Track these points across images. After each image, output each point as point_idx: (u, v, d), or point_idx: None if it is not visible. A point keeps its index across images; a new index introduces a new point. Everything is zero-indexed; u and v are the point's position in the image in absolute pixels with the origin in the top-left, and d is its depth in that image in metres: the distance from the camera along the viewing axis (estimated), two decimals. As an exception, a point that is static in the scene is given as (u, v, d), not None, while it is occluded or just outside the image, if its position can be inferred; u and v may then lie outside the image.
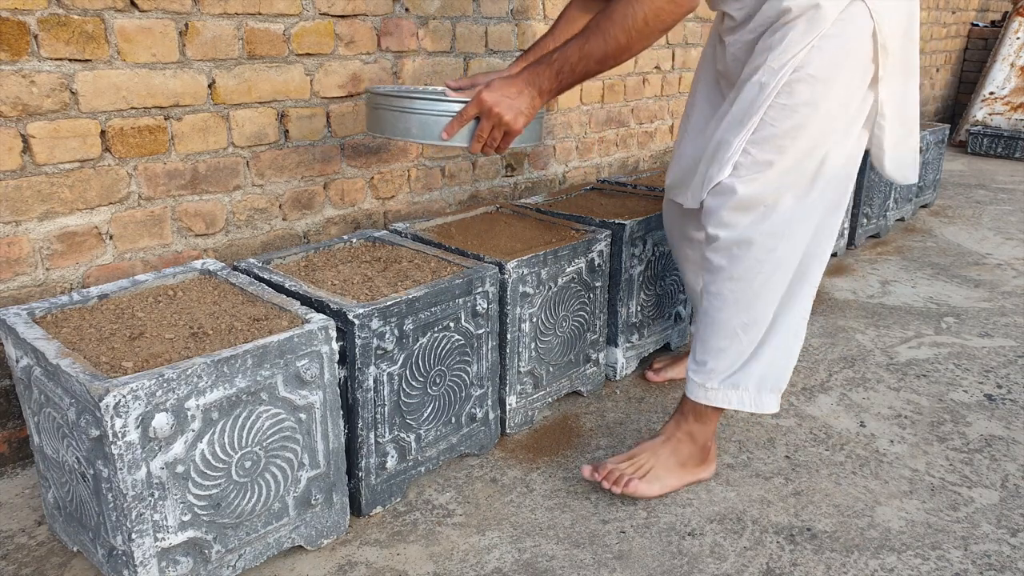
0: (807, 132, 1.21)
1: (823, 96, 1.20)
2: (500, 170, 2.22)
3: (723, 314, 1.30)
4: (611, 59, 1.22)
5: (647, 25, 1.18)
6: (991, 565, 1.21)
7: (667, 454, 1.38)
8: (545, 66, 1.23)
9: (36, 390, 1.08)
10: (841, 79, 1.20)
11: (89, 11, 1.33)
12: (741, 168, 1.24)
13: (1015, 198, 3.64)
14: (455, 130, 1.25)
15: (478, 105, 1.23)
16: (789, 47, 1.19)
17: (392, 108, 1.28)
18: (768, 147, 1.22)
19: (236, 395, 1.03)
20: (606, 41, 1.20)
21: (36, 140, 1.32)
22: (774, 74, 1.20)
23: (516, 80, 1.24)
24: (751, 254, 1.26)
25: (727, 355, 1.32)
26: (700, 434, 1.38)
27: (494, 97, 1.23)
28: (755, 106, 1.22)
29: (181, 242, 1.55)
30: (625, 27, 1.18)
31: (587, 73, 1.24)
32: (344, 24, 1.70)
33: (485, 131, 1.25)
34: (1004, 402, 1.73)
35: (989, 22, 5.45)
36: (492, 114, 1.23)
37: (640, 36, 1.19)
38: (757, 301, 1.28)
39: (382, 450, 1.28)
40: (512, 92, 1.23)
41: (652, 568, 1.19)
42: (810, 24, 1.18)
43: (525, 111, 1.24)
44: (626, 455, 1.39)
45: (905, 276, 2.54)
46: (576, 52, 1.22)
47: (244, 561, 1.11)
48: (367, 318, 1.19)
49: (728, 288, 1.28)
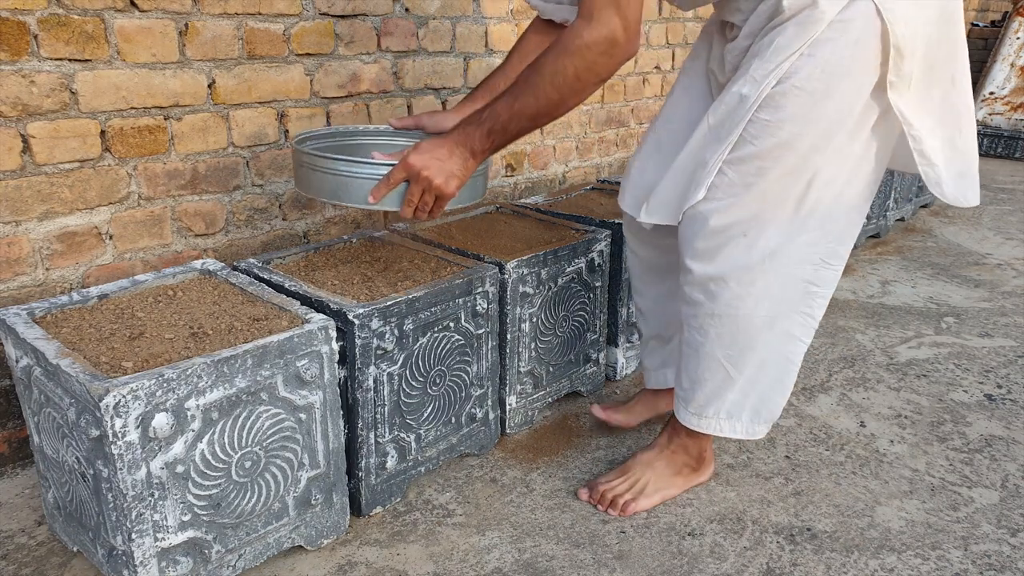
0: (793, 152, 1.08)
1: (813, 111, 1.06)
2: (500, 170, 2.22)
3: (706, 347, 1.22)
4: (545, 116, 1.11)
5: (579, 80, 1.07)
6: (991, 565, 1.21)
7: (662, 466, 1.35)
8: (475, 126, 1.12)
9: (36, 390, 1.08)
10: (837, 91, 1.05)
11: (89, 11, 1.33)
12: (716, 190, 1.13)
13: (1015, 198, 3.64)
14: (382, 194, 1.15)
15: (405, 169, 1.12)
16: (775, 54, 1.06)
17: (316, 168, 1.19)
18: (747, 168, 1.10)
19: (236, 395, 1.03)
20: (537, 98, 1.09)
21: (36, 140, 1.32)
22: (756, 85, 1.07)
23: (446, 141, 1.13)
24: (728, 290, 1.16)
25: (712, 384, 1.25)
26: (694, 446, 1.35)
27: (422, 160, 1.12)
28: (734, 120, 1.10)
29: (181, 242, 1.55)
30: (556, 83, 1.07)
31: (521, 131, 1.13)
32: (344, 24, 1.70)
33: (415, 195, 1.14)
34: (1004, 402, 1.73)
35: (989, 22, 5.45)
36: (421, 178, 1.12)
37: (573, 92, 1.08)
38: (741, 335, 1.19)
39: (382, 450, 1.28)
40: (442, 154, 1.12)
41: (652, 568, 1.19)
42: (802, 27, 1.04)
43: (457, 174, 1.14)
44: (619, 471, 1.37)
45: (905, 276, 2.54)
46: (506, 111, 1.10)
47: (244, 561, 1.11)
48: (367, 318, 1.19)
49: (709, 324, 1.20)
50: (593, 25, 1.03)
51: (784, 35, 1.05)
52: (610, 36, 1.03)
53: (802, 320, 1.21)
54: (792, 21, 1.05)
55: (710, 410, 1.27)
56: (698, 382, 1.26)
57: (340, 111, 1.74)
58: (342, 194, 1.18)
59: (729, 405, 1.26)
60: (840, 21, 1.03)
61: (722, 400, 1.26)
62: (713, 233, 1.14)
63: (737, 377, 1.23)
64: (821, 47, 1.04)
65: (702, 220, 1.14)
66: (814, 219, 1.13)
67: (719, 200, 1.13)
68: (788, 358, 1.24)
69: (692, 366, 1.26)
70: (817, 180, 1.10)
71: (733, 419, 1.27)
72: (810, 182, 1.10)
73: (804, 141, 1.07)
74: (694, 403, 1.28)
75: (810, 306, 1.20)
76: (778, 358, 1.23)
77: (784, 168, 1.09)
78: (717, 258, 1.15)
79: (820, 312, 1.22)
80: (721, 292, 1.17)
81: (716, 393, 1.25)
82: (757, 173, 1.10)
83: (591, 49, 1.04)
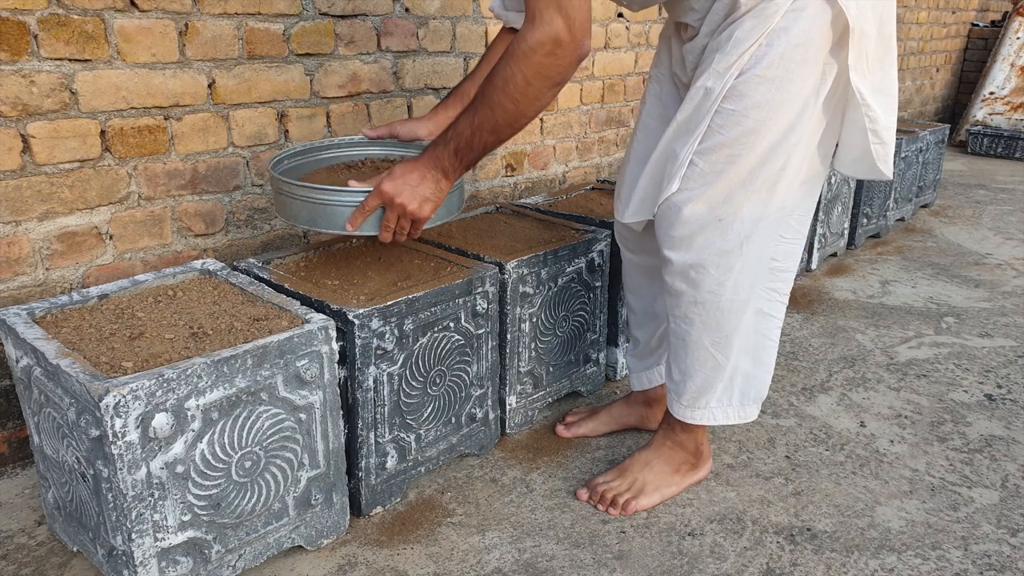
0: (761, 138, 1.11)
1: (776, 97, 1.10)
2: (500, 170, 2.22)
3: (692, 335, 1.24)
4: (507, 127, 1.11)
5: (530, 86, 1.06)
6: (991, 565, 1.21)
7: (660, 464, 1.36)
8: (442, 147, 1.14)
9: (36, 390, 1.08)
10: (797, 76, 1.09)
11: (89, 11, 1.33)
12: (688, 181, 1.16)
13: (1015, 198, 3.64)
14: (359, 222, 1.17)
15: (379, 197, 1.15)
16: (736, 46, 1.09)
17: (294, 196, 1.21)
18: (716, 157, 1.13)
19: (236, 395, 1.03)
20: (493, 111, 1.09)
21: (36, 140, 1.32)
22: (720, 77, 1.11)
23: (418, 165, 1.15)
24: (709, 276, 1.19)
25: (703, 374, 1.27)
26: (690, 441, 1.36)
27: (395, 187, 1.14)
28: (701, 112, 1.13)
29: (181, 242, 1.55)
30: (508, 92, 1.07)
31: (486, 146, 1.13)
32: (344, 24, 1.70)
33: (392, 221, 1.17)
34: (1004, 402, 1.73)
35: (989, 22, 5.45)
36: (395, 205, 1.15)
37: (529, 99, 1.07)
38: (725, 320, 1.22)
39: (382, 450, 1.28)
40: (414, 179, 1.14)
41: (652, 568, 1.19)
42: (759, 20, 1.08)
43: (431, 197, 1.16)
44: (617, 469, 1.37)
45: (905, 276, 2.54)
46: (467, 127, 1.11)
47: (244, 561, 1.11)
48: (367, 318, 1.19)
49: (693, 312, 1.22)
50: (536, 27, 1.03)
51: (742, 28, 1.09)
52: (554, 36, 1.03)
53: (769, 296, 1.24)
54: (749, 15, 1.09)
55: (702, 400, 1.29)
56: (688, 373, 1.28)
57: (340, 111, 1.74)
58: (320, 221, 1.20)
59: (720, 392, 1.28)
60: (793, 10, 1.07)
61: (713, 389, 1.28)
62: (688, 221, 1.16)
63: (725, 363, 1.25)
64: (778, 36, 1.08)
65: (676, 210, 1.17)
66: (782, 201, 1.17)
67: (692, 190, 1.15)
68: (765, 335, 1.27)
69: (681, 357, 1.28)
70: (788, 166, 1.14)
71: (725, 405, 1.29)
72: (782, 168, 1.14)
73: (770, 127, 1.11)
74: (687, 395, 1.29)
75: (775, 282, 1.24)
76: (757, 337, 1.26)
77: (753, 154, 1.12)
78: (694, 245, 1.18)
79: (787, 288, 1.26)
80: (702, 279, 1.19)
81: (707, 382, 1.27)
82: (727, 161, 1.13)
83: (536, 52, 1.04)
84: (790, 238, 1.22)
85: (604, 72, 2.49)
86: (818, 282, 2.46)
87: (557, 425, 1.56)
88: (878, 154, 1.17)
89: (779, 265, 1.23)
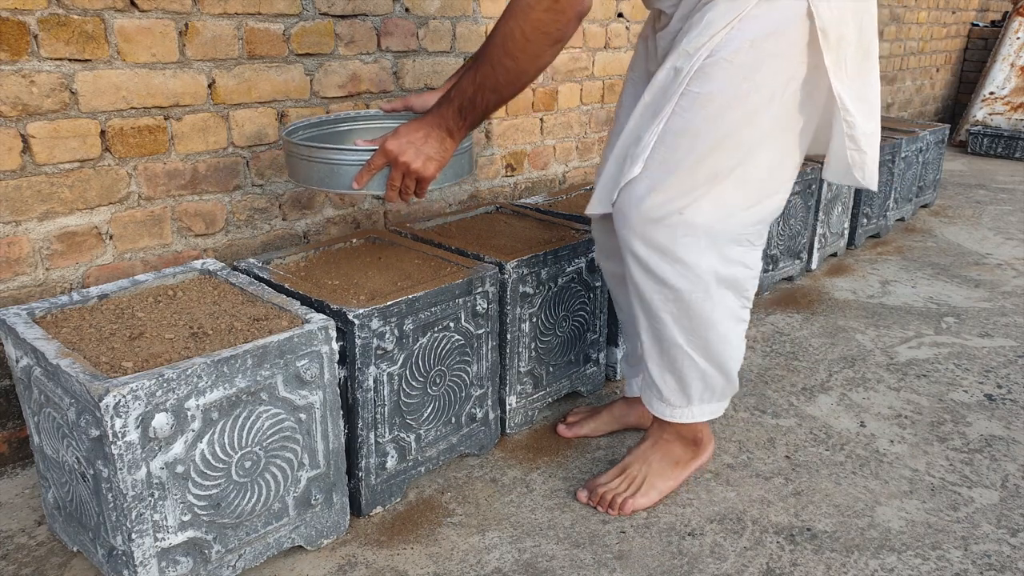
0: (722, 126, 1.08)
1: (742, 85, 1.07)
2: (500, 170, 2.22)
3: (666, 333, 1.22)
4: (508, 86, 1.11)
5: (529, 41, 1.05)
6: (991, 565, 1.21)
7: (658, 458, 1.35)
8: (447, 106, 1.14)
9: (36, 390, 1.08)
10: (765, 67, 1.06)
11: (89, 11, 1.33)
12: (650, 166, 1.12)
13: (1015, 198, 3.64)
14: (365, 180, 1.18)
15: (384, 155, 1.15)
16: (707, 28, 1.07)
17: (302, 157, 1.23)
18: (679, 142, 1.10)
19: (236, 395, 1.03)
20: (494, 68, 1.09)
21: (36, 140, 1.32)
22: (688, 58, 1.08)
23: (423, 123, 1.15)
24: (676, 271, 1.16)
25: (679, 373, 1.25)
26: (687, 431, 1.34)
27: (399, 145, 1.14)
28: (667, 94, 1.10)
29: (181, 242, 1.55)
30: (508, 49, 1.06)
31: (488, 105, 1.13)
32: (344, 24, 1.70)
33: (396, 180, 1.17)
34: (1004, 402, 1.73)
35: (989, 22, 5.45)
36: (399, 163, 1.15)
37: (528, 55, 1.07)
38: (695, 316, 1.19)
39: (382, 450, 1.28)
40: (418, 138, 1.15)
41: (652, 568, 1.19)
42: (730, 3, 1.06)
43: (435, 156, 1.16)
44: (617, 469, 1.36)
45: (905, 276, 2.54)
46: (470, 85, 1.11)
47: (244, 561, 1.11)
48: (367, 318, 1.19)
49: (664, 309, 1.20)
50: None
51: (715, 10, 1.07)
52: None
53: (735, 296, 1.22)
54: None
55: (682, 398, 1.28)
56: (665, 372, 1.27)
57: (340, 111, 1.74)
58: (328, 181, 1.21)
59: (699, 390, 1.27)
60: (767, 0, 1.05)
61: (690, 387, 1.26)
62: (649, 209, 1.13)
63: (700, 360, 1.23)
64: (749, 22, 1.05)
65: (638, 197, 1.14)
66: (747, 195, 1.14)
67: (653, 177, 1.12)
68: (734, 332, 1.25)
69: (656, 356, 1.26)
70: (750, 158, 1.11)
71: (704, 402, 1.28)
72: (743, 158, 1.11)
73: (733, 115, 1.08)
74: (664, 394, 1.28)
75: (743, 284, 1.22)
76: (727, 334, 1.23)
77: (714, 143, 1.09)
78: (656, 236, 1.14)
79: (752, 290, 1.24)
80: (667, 274, 1.16)
81: (684, 380, 1.26)
82: (689, 148, 1.10)
83: (534, 7, 1.03)
84: (758, 244, 1.21)
85: (604, 72, 2.49)
86: (818, 282, 2.46)
87: (558, 425, 1.56)
88: (854, 160, 1.14)
89: (749, 271, 1.21)
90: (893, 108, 4.56)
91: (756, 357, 1.91)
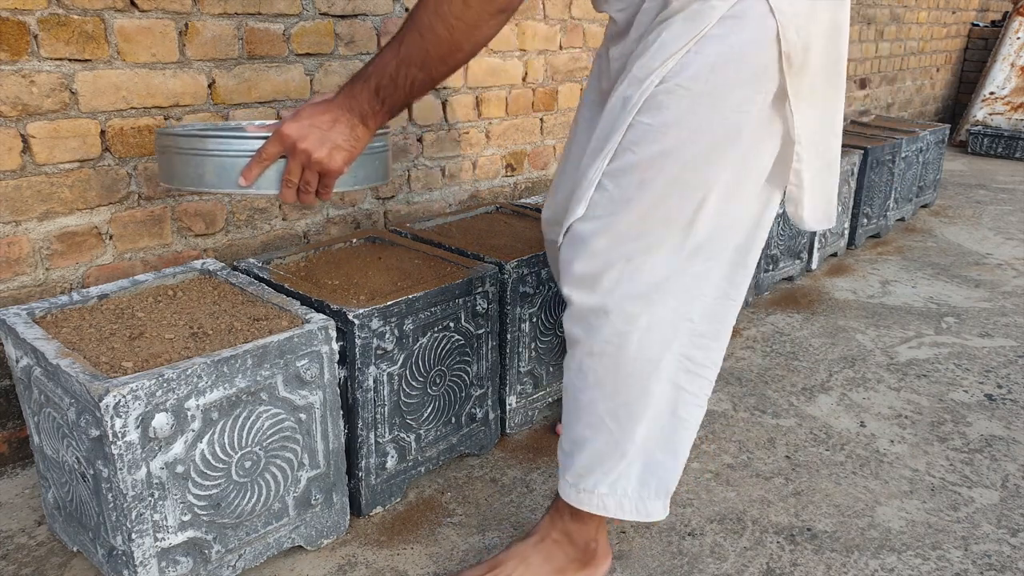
0: (677, 163, 0.91)
1: (701, 116, 0.90)
2: (500, 170, 2.22)
3: (585, 396, 1.02)
4: (438, 62, 0.92)
5: (469, 8, 0.88)
6: (991, 565, 1.21)
7: (539, 561, 1.11)
8: (362, 83, 0.95)
9: (36, 390, 1.08)
10: (729, 96, 0.90)
11: (89, 11, 1.33)
12: (595, 207, 0.95)
13: (1015, 198, 3.64)
14: (255, 174, 0.97)
15: (280, 141, 0.95)
16: (660, 50, 0.90)
17: (181, 150, 1.01)
18: (627, 180, 0.93)
19: (236, 395, 1.03)
20: (423, 38, 0.90)
21: (36, 140, 1.32)
22: (639, 84, 0.91)
23: (331, 104, 0.96)
24: (609, 325, 0.96)
25: (594, 448, 1.03)
26: (580, 534, 1.10)
27: (300, 129, 0.94)
28: (616, 126, 0.94)
29: (181, 242, 1.55)
30: (441, 15, 0.88)
31: (414, 85, 0.94)
32: (344, 24, 1.70)
33: (294, 174, 0.97)
34: (1004, 402, 1.73)
35: (989, 22, 5.45)
36: (298, 151, 0.95)
37: (466, 25, 0.89)
38: (624, 382, 0.99)
39: (382, 450, 1.28)
40: (324, 121, 0.95)
41: (652, 568, 1.19)
42: (690, 22, 0.89)
43: (344, 145, 0.96)
44: (488, 564, 1.13)
45: (905, 276, 2.54)
46: (392, 59, 0.92)
47: (244, 561, 1.11)
48: (367, 318, 1.19)
49: (587, 365, 1.00)
50: None
51: (670, 30, 0.90)
52: None
53: (685, 367, 1.01)
54: (680, 16, 0.90)
55: (591, 480, 1.04)
56: (578, 443, 1.04)
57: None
58: (208, 177, 1.00)
59: (613, 475, 1.04)
60: (732, 17, 0.88)
61: (604, 468, 1.03)
62: (593, 255, 0.96)
63: (622, 438, 1.01)
64: (709, 44, 0.89)
65: (581, 241, 0.97)
66: (707, 247, 0.96)
67: (599, 218, 0.95)
68: (679, 416, 1.03)
69: (573, 422, 1.05)
70: (709, 201, 0.93)
71: (619, 494, 1.04)
72: (701, 203, 0.93)
73: (690, 151, 0.91)
74: (573, 470, 1.05)
75: (694, 350, 1.01)
76: (668, 415, 1.03)
77: (668, 182, 0.92)
78: (598, 286, 0.97)
79: (711, 360, 1.03)
80: (601, 327, 0.97)
81: (598, 458, 1.03)
82: (638, 186, 0.93)
83: None
84: (733, 297, 1.02)
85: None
86: (818, 282, 2.46)
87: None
88: (791, 195, 0.98)
89: (698, 328, 1.00)
90: (893, 108, 4.56)
91: (756, 357, 1.91)
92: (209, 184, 1.00)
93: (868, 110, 4.23)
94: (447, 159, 2.04)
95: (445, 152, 2.03)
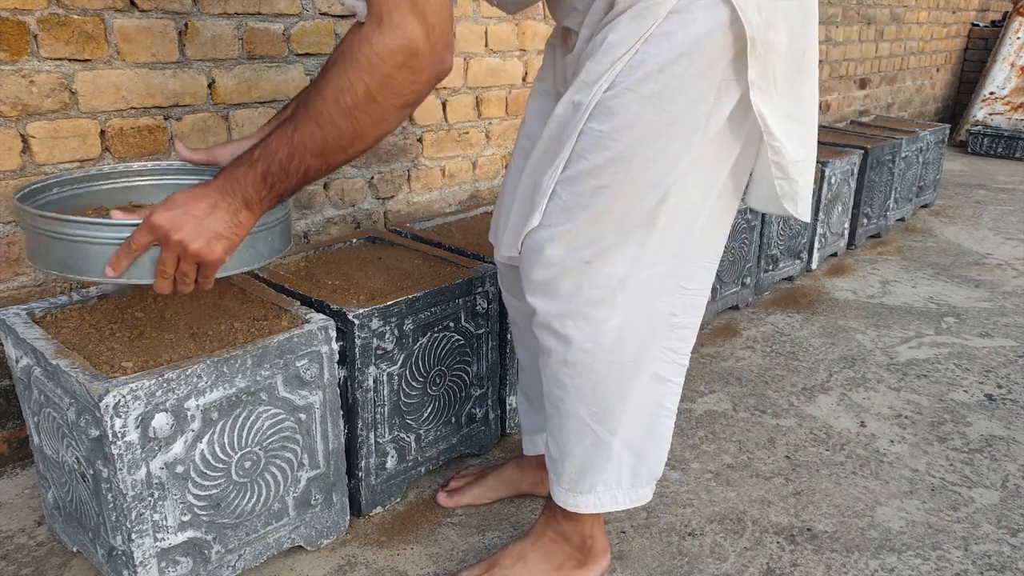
0: (632, 168, 0.90)
1: (653, 119, 0.88)
2: (500, 170, 2.22)
3: (566, 404, 1.02)
4: (338, 151, 0.88)
5: (375, 103, 0.84)
6: (991, 565, 1.21)
7: (536, 559, 1.13)
8: (247, 167, 0.88)
9: (36, 390, 1.08)
10: (682, 94, 0.87)
11: (89, 11, 1.33)
12: (550, 215, 0.95)
13: (1015, 198, 3.64)
14: (124, 265, 0.89)
15: (151, 231, 0.87)
16: (607, 53, 0.88)
17: (40, 231, 0.92)
18: (581, 188, 0.92)
19: (236, 395, 1.03)
20: (322, 127, 0.85)
21: (36, 140, 1.32)
22: (588, 89, 0.89)
23: (209, 191, 0.88)
24: (579, 330, 0.97)
25: (583, 452, 1.05)
26: (575, 533, 1.13)
27: (173, 219, 0.86)
28: (567, 133, 0.92)
29: (181, 242, 1.54)
30: (344, 106, 0.84)
31: (308, 172, 0.89)
32: (344, 24, 1.70)
33: (169, 264, 0.89)
34: (1004, 402, 1.73)
35: (989, 22, 5.45)
36: (172, 243, 0.87)
37: (371, 119, 0.85)
38: (602, 385, 1.00)
39: (382, 450, 1.28)
40: (200, 209, 0.87)
41: (652, 568, 1.19)
42: (636, 21, 0.86)
43: (224, 233, 0.89)
44: (485, 564, 1.15)
45: (905, 276, 2.54)
46: (284, 146, 0.87)
47: (244, 561, 1.11)
48: (367, 318, 1.19)
49: (564, 373, 1.00)
50: (385, 30, 0.81)
51: (617, 31, 0.88)
52: (408, 44, 0.82)
53: (666, 357, 1.03)
54: (626, 15, 0.87)
55: (585, 483, 1.06)
56: (566, 451, 1.06)
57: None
58: (73, 264, 0.91)
59: (605, 475, 1.06)
60: (679, 12, 0.85)
61: (596, 470, 1.06)
62: (549, 263, 0.95)
63: (608, 439, 1.03)
64: (658, 42, 0.86)
65: (538, 249, 0.96)
66: (668, 244, 0.96)
67: (554, 226, 0.95)
68: (660, 403, 1.06)
69: (557, 430, 1.06)
70: (668, 201, 0.93)
71: (613, 489, 1.07)
72: (660, 201, 0.93)
73: (643, 154, 0.90)
74: (566, 477, 1.07)
75: (674, 341, 1.03)
76: (650, 406, 1.05)
77: (623, 187, 0.91)
78: (558, 293, 0.97)
79: (687, 347, 1.05)
80: (571, 333, 0.98)
81: (588, 462, 1.05)
82: (593, 193, 0.92)
83: (385, 61, 0.82)
84: (692, 289, 1.02)
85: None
86: (818, 282, 2.46)
87: (439, 492, 1.34)
88: (783, 190, 0.97)
89: (679, 320, 1.02)
90: (893, 108, 4.56)
91: (756, 357, 1.91)
92: (74, 271, 0.92)
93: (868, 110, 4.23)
94: (447, 159, 2.04)
95: (445, 152, 2.03)
